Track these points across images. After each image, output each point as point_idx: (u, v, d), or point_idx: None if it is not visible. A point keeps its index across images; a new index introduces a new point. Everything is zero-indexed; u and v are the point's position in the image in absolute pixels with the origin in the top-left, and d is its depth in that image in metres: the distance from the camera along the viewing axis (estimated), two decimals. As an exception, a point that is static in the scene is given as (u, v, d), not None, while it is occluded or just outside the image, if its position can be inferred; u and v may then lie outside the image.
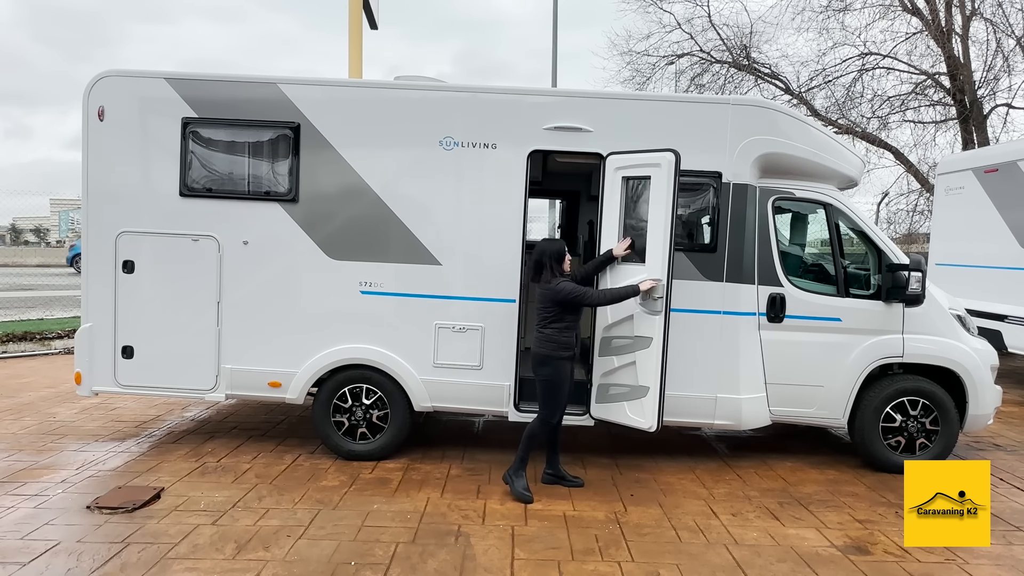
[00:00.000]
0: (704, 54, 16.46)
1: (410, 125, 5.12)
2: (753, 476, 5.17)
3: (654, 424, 4.68)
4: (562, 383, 4.55)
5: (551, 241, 4.89)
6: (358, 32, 8.74)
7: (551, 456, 4.89)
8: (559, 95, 5.33)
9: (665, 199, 4.55)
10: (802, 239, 6.02)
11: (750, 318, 5.15)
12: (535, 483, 4.79)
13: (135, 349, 5.21)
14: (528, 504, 4.46)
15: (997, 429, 6.52)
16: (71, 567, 3.48)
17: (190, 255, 5.17)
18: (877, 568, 3.74)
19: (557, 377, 4.53)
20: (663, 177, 4.58)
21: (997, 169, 8.60)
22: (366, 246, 5.15)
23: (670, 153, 4.56)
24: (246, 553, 3.67)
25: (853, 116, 15.34)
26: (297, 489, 4.61)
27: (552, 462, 4.89)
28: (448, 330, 5.15)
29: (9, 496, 4.36)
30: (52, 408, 6.54)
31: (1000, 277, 8.36)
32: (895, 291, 5.06)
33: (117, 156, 5.18)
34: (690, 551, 3.88)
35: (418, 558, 3.67)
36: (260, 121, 5.13)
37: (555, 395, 4.56)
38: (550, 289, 4.51)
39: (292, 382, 5.18)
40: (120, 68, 5.22)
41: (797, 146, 5.16)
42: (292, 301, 5.19)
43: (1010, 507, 4.69)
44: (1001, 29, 13.74)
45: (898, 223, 16.10)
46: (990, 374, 5.32)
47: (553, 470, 4.88)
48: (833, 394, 5.21)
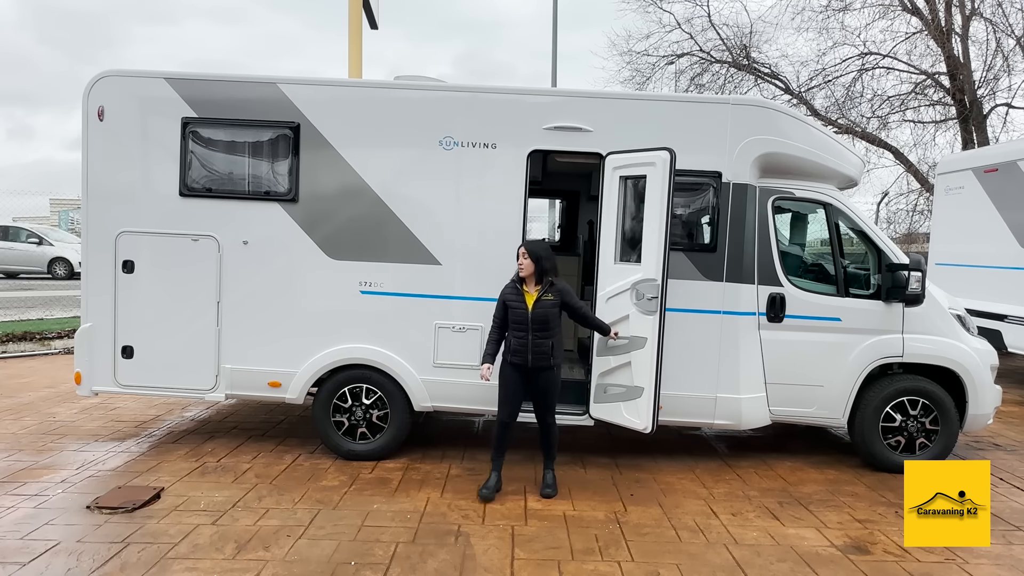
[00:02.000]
0: (704, 54, 16.47)
1: (410, 125, 5.12)
2: (753, 476, 5.17)
3: (648, 425, 4.68)
4: (502, 384, 4.56)
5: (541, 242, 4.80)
6: (358, 32, 8.74)
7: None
8: (559, 95, 5.33)
9: (660, 198, 4.55)
10: (802, 239, 6.02)
11: (750, 318, 5.15)
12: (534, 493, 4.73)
13: (135, 349, 5.21)
14: (487, 502, 4.45)
15: (997, 429, 6.52)
16: (71, 567, 3.48)
17: (190, 255, 5.17)
18: (877, 568, 3.74)
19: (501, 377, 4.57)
20: (658, 176, 4.58)
21: (997, 169, 8.60)
22: (366, 246, 5.15)
23: (665, 152, 4.56)
24: (246, 553, 3.67)
25: (853, 116, 15.35)
26: (297, 489, 4.61)
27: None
28: (448, 330, 5.15)
29: (9, 496, 4.36)
30: (52, 408, 6.54)
31: (1000, 277, 8.36)
32: (895, 291, 5.06)
33: (117, 156, 5.18)
34: (690, 551, 3.88)
35: (418, 558, 3.67)
36: (260, 121, 5.13)
37: (499, 394, 4.60)
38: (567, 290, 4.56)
39: (292, 382, 5.18)
40: (120, 68, 5.22)
41: (797, 146, 5.16)
42: (292, 301, 5.19)
43: (1010, 507, 4.69)
44: (1001, 29, 13.76)
45: (898, 223, 16.12)
46: (990, 374, 5.32)
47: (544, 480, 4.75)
48: (833, 394, 5.21)
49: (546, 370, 4.49)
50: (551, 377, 4.53)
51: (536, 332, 4.42)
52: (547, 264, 4.49)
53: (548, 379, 4.52)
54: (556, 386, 4.59)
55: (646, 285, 4.62)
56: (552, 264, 4.54)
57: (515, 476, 4.95)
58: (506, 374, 4.55)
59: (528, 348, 4.43)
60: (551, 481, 4.70)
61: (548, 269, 4.50)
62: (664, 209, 4.53)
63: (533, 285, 4.51)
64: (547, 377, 4.51)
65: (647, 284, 4.61)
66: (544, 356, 4.45)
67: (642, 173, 4.72)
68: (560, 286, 4.54)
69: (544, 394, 4.55)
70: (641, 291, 4.67)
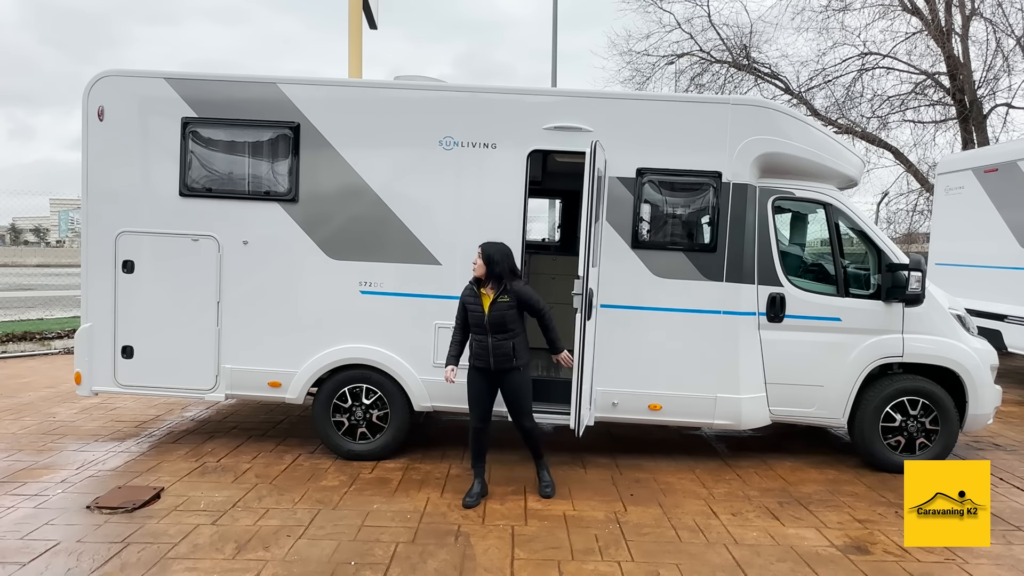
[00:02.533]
0: (704, 54, 16.46)
1: (410, 125, 5.12)
2: (753, 476, 5.17)
3: (573, 426, 4.55)
4: (469, 389, 4.54)
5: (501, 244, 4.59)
6: (358, 32, 8.74)
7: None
8: (559, 95, 5.33)
9: (585, 190, 4.42)
10: (802, 239, 6.02)
11: (750, 318, 5.15)
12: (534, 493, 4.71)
13: (135, 349, 5.21)
14: (469, 508, 4.37)
15: (997, 429, 6.52)
16: (71, 567, 3.48)
17: (190, 255, 5.17)
18: (877, 568, 3.74)
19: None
20: (586, 169, 4.47)
21: (997, 169, 8.60)
22: (366, 246, 5.15)
23: (590, 144, 4.47)
24: (246, 553, 3.67)
25: (853, 116, 15.34)
26: (297, 489, 4.61)
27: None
28: (448, 330, 5.13)
29: (9, 496, 4.36)
30: (52, 408, 6.54)
31: (1000, 277, 8.36)
32: (895, 291, 5.06)
33: (117, 156, 5.18)
34: (690, 551, 3.88)
35: (418, 558, 3.67)
36: (260, 121, 5.13)
37: (468, 399, 4.57)
38: (529, 292, 4.48)
39: (292, 382, 5.18)
40: (120, 68, 5.22)
41: (797, 146, 5.16)
42: (292, 301, 5.19)
43: (1010, 507, 4.69)
44: (1001, 29, 13.75)
45: (898, 223, 16.11)
46: (990, 374, 5.32)
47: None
48: (833, 394, 5.21)
49: (510, 371, 4.42)
50: (518, 379, 4.45)
51: (495, 334, 4.37)
52: (500, 267, 4.39)
53: (515, 381, 4.45)
54: (525, 388, 4.49)
55: (577, 283, 4.47)
56: (508, 266, 4.44)
57: (515, 476, 4.95)
58: (472, 379, 4.51)
59: (488, 351, 4.39)
60: (548, 480, 4.69)
61: (503, 272, 4.40)
62: (587, 201, 4.38)
63: (489, 287, 4.43)
64: (513, 379, 4.44)
65: (577, 282, 4.46)
66: (506, 358, 4.39)
67: (582, 166, 4.58)
68: (516, 288, 4.42)
69: (514, 397, 4.48)
70: (576, 289, 4.48)
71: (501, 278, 4.41)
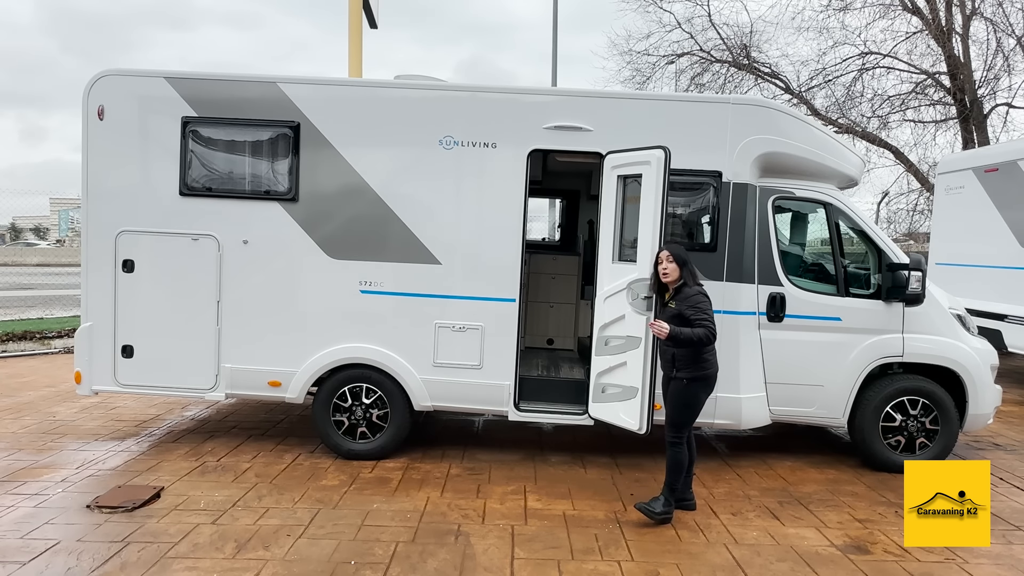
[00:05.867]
0: (704, 53, 16.45)
1: (410, 124, 5.12)
2: (753, 475, 5.17)
3: (643, 427, 4.61)
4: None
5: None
6: (358, 32, 8.74)
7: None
8: (559, 94, 5.32)
9: (654, 196, 4.49)
10: (802, 238, 6.01)
11: (750, 317, 5.14)
12: (534, 493, 4.71)
13: (135, 348, 5.21)
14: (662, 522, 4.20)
15: (997, 429, 6.52)
16: (71, 566, 3.48)
17: (190, 254, 5.16)
18: (877, 568, 3.74)
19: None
20: (652, 174, 4.54)
21: (997, 168, 8.60)
22: (366, 245, 5.15)
23: (659, 150, 4.52)
24: (246, 552, 3.67)
25: (853, 115, 15.34)
26: (297, 488, 4.61)
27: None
28: (448, 329, 5.15)
29: (9, 495, 4.36)
30: (52, 407, 6.54)
31: (1000, 277, 8.36)
32: (895, 290, 5.06)
33: (117, 155, 5.17)
34: (690, 550, 3.88)
35: (418, 557, 3.67)
36: (260, 120, 5.12)
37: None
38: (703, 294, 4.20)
39: (292, 381, 5.17)
40: (120, 67, 5.22)
41: (797, 145, 5.15)
42: (292, 300, 5.19)
43: (1010, 507, 4.69)
44: (1001, 28, 13.75)
45: (898, 223, 16.12)
46: (990, 374, 5.31)
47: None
48: (833, 393, 5.20)
49: (671, 380, 4.31)
50: (673, 389, 4.32)
51: (663, 340, 4.18)
52: (690, 265, 4.28)
53: (671, 391, 4.33)
54: (677, 400, 4.30)
55: (640, 285, 4.58)
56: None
57: (515, 476, 4.95)
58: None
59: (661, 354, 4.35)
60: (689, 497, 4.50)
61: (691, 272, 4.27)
62: (658, 207, 4.48)
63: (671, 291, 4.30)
64: (671, 389, 4.33)
65: (641, 284, 4.57)
66: (668, 365, 4.33)
67: (638, 172, 4.71)
68: (687, 292, 4.22)
69: (665, 405, 4.37)
70: (636, 290, 4.62)
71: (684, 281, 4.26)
